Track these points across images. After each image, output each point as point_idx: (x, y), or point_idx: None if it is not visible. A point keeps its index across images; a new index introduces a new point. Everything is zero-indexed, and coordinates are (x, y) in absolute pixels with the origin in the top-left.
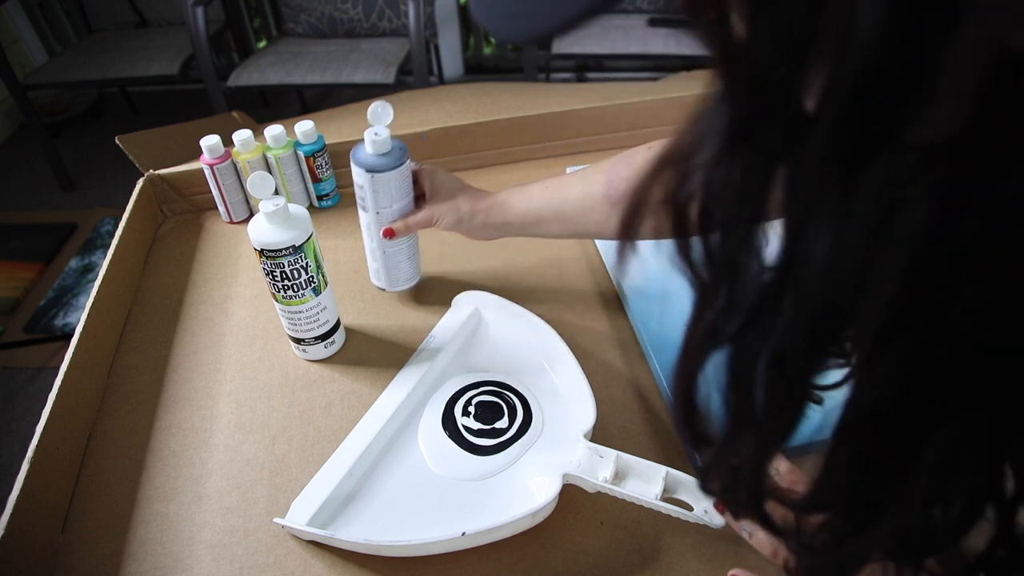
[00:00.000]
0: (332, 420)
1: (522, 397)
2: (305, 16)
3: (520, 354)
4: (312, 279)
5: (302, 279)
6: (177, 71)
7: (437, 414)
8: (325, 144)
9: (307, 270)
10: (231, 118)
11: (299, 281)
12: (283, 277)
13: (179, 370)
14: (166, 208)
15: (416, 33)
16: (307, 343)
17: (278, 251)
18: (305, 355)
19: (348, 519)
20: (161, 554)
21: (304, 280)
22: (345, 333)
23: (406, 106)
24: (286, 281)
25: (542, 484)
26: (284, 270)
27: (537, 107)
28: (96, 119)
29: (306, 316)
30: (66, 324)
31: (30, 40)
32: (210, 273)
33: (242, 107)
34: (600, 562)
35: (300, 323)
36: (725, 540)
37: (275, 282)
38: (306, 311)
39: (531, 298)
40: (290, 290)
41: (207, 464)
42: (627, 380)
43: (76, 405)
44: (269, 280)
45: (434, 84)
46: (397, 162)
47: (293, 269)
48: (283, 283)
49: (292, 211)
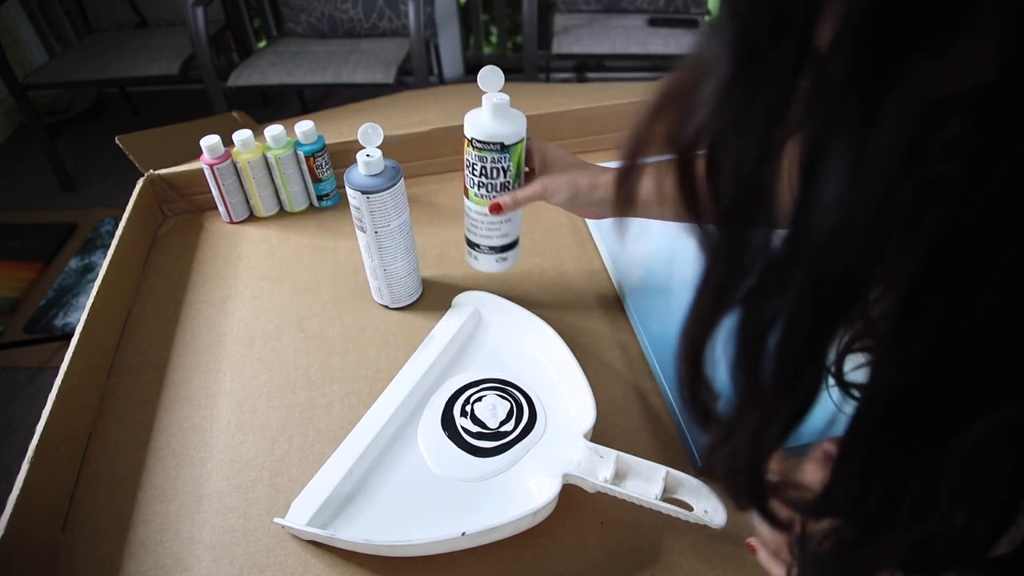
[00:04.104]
0: (332, 420)
1: (528, 397)
2: (305, 16)
3: (520, 354)
4: (507, 184)
5: (498, 181)
6: (177, 71)
7: (437, 414)
8: (325, 144)
9: (505, 174)
10: (231, 118)
11: (494, 182)
12: (482, 172)
13: (179, 370)
14: (166, 208)
15: (416, 33)
16: (481, 250)
17: (486, 144)
18: (476, 263)
19: (348, 519)
20: (161, 554)
21: (499, 183)
22: (519, 255)
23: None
24: (483, 178)
25: (542, 484)
26: (485, 165)
27: (537, 107)
28: (96, 119)
29: (487, 221)
30: (66, 324)
31: (30, 40)
32: (210, 273)
33: (242, 107)
34: (600, 562)
35: (480, 226)
36: (725, 540)
37: (472, 176)
38: (489, 215)
39: (531, 298)
40: (483, 188)
41: (207, 464)
42: (627, 380)
43: (76, 405)
44: (468, 172)
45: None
46: (391, 181)
47: (494, 168)
48: (479, 178)
49: (512, 113)
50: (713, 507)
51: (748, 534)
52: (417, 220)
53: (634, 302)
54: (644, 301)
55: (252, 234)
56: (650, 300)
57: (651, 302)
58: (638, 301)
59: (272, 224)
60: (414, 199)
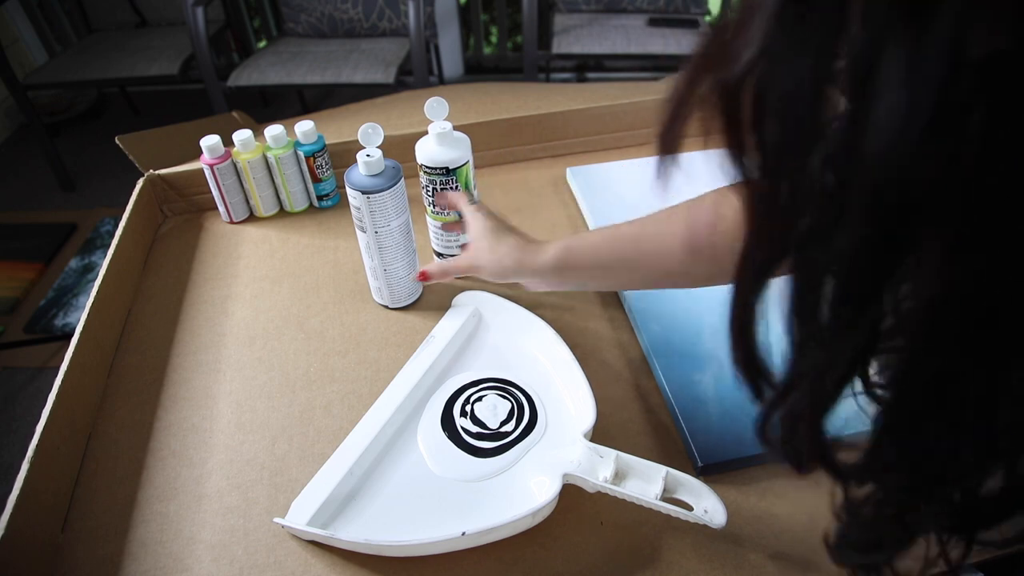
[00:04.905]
0: (332, 420)
1: (528, 397)
2: (305, 16)
3: (520, 354)
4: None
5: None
6: (177, 71)
7: (437, 414)
8: (325, 144)
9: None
10: (231, 118)
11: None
12: (433, 193)
13: (179, 370)
14: (166, 208)
15: (416, 33)
16: (445, 259)
17: (433, 169)
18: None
19: (348, 519)
20: (161, 554)
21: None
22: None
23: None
24: (436, 197)
25: (542, 484)
26: (436, 187)
27: (537, 107)
28: (96, 119)
29: (446, 236)
30: (66, 324)
31: (30, 40)
32: (210, 273)
33: (242, 107)
34: (600, 562)
35: (440, 239)
36: (725, 540)
37: (428, 196)
38: (449, 229)
39: (531, 298)
40: (438, 206)
41: (207, 464)
42: (627, 380)
43: (76, 405)
44: (423, 192)
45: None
46: (391, 181)
47: (443, 188)
48: (432, 198)
49: (455, 139)
50: (713, 507)
51: (748, 534)
52: (417, 220)
53: (634, 302)
54: (644, 301)
55: (252, 234)
56: (650, 300)
57: (651, 302)
58: (638, 301)
59: (272, 224)
60: (414, 199)
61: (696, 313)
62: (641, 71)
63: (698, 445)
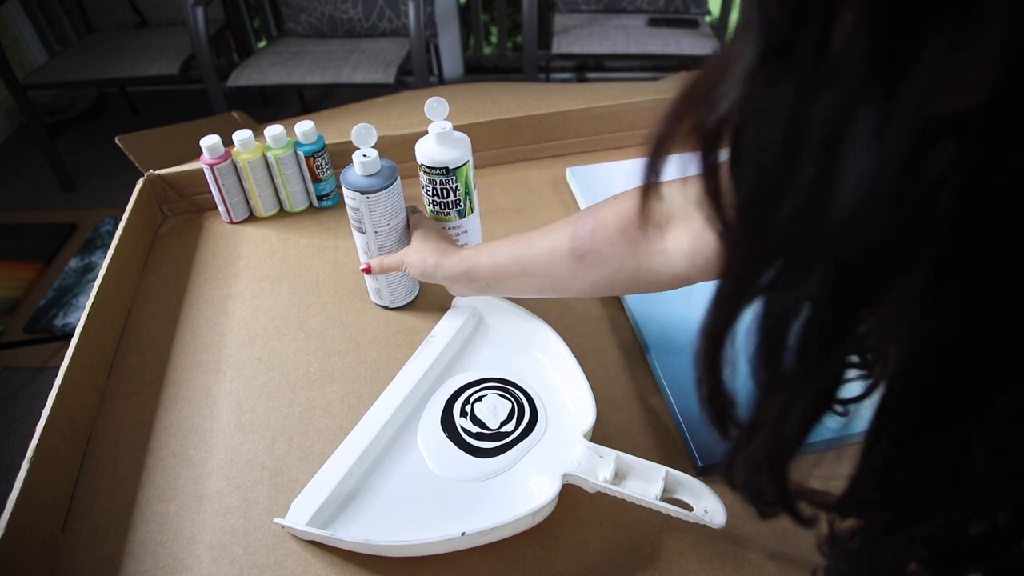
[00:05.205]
0: (332, 420)
1: (528, 397)
2: (305, 16)
3: (520, 354)
4: (458, 202)
5: (449, 200)
6: (177, 71)
7: (436, 414)
8: (325, 144)
9: (455, 193)
10: (231, 118)
11: (446, 200)
12: (434, 193)
13: (179, 370)
14: (166, 208)
15: (416, 33)
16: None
17: (433, 169)
18: None
19: (348, 519)
20: (161, 554)
21: (451, 201)
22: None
23: (406, 106)
24: (436, 197)
25: (542, 484)
26: (436, 187)
27: (537, 107)
28: (96, 119)
29: (449, 233)
30: (66, 324)
31: (30, 40)
32: (210, 273)
33: (242, 107)
34: (600, 562)
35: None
36: (725, 540)
37: (427, 196)
38: (450, 228)
39: (530, 299)
40: (437, 206)
41: (207, 464)
42: (627, 380)
43: (76, 405)
44: (423, 192)
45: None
46: (388, 181)
47: (443, 188)
48: (432, 198)
49: (455, 138)
50: (713, 507)
51: (748, 534)
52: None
53: (634, 302)
54: (644, 301)
55: (252, 234)
56: (650, 300)
57: (651, 302)
58: (638, 301)
59: (272, 224)
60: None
61: (696, 313)
62: (641, 71)
63: (698, 445)
